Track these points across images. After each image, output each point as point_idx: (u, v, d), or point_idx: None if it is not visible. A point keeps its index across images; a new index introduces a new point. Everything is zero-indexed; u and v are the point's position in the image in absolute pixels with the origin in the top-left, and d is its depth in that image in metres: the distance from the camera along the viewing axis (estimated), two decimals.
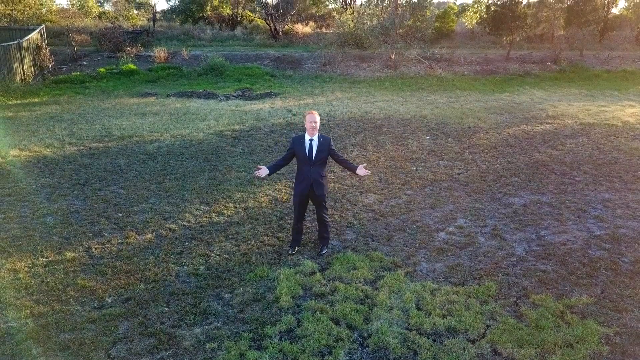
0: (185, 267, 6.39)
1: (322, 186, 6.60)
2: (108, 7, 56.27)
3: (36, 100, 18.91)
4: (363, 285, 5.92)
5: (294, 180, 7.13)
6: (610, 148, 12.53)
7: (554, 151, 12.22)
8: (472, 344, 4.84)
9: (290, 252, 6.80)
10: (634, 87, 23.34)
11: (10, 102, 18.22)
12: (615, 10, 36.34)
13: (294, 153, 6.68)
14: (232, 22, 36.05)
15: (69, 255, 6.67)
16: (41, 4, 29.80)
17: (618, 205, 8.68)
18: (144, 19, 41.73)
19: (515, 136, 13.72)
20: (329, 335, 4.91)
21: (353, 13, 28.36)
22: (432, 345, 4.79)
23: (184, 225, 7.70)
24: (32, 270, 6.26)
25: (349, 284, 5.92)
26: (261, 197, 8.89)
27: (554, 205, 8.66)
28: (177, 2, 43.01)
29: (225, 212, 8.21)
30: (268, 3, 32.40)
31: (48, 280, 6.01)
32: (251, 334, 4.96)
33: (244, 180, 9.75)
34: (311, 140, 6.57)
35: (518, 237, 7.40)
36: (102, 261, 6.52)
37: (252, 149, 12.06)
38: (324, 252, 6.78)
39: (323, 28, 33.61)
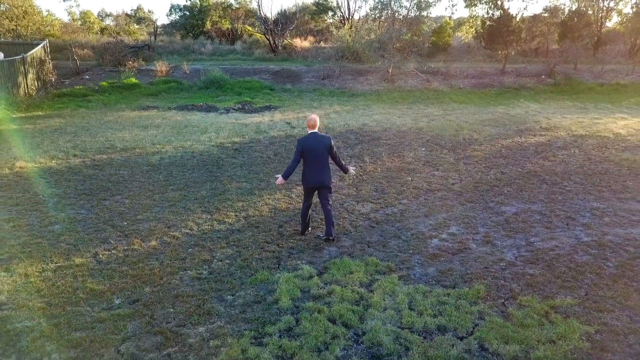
0: (188, 271, 6.69)
1: (328, 183, 7.56)
2: (109, 21, 57.05)
3: (40, 113, 19.28)
4: (359, 287, 6.22)
5: (292, 189, 7.44)
6: (600, 159, 12.89)
7: (546, 162, 12.57)
8: (461, 340, 5.13)
9: (302, 233, 7.86)
10: (626, 100, 23.80)
11: (14, 115, 18.58)
12: (609, 24, 36.96)
13: (302, 153, 7.33)
14: (232, 36, 36.62)
15: (78, 260, 6.96)
16: (44, 19, 30.28)
17: (606, 214, 9.00)
18: (145, 33, 42.35)
19: (508, 148, 14.09)
20: (326, 333, 5.21)
21: (351, 28, 28.90)
22: (422, 342, 5.08)
23: (187, 232, 8.01)
24: (43, 274, 6.55)
25: (345, 286, 6.22)
26: (261, 206, 9.20)
27: (544, 214, 8.99)
28: (177, 17, 43.75)
29: (226, 220, 8.52)
30: (267, 18, 32.94)
31: (58, 283, 6.30)
32: (252, 332, 5.25)
33: (244, 190, 10.07)
34: (317, 139, 7.41)
35: (508, 243, 7.71)
36: (109, 266, 6.82)
37: (252, 161, 12.40)
38: (333, 236, 7.59)
39: (321, 42, 34.19)
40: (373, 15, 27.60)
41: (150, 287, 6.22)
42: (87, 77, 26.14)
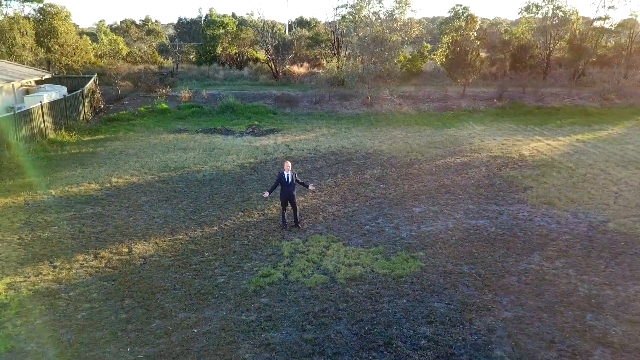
0: (237, 242, 13.17)
1: (294, 196, 13.59)
2: (118, 35, 62.92)
3: (101, 137, 25.74)
4: (321, 248, 12.71)
5: (280, 198, 13.91)
6: (495, 175, 19.38)
7: (458, 177, 19.07)
8: (363, 268, 11.63)
9: (283, 227, 13.77)
10: (553, 122, 30.26)
11: (84, 139, 25.06)
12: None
13: (280, 180, 13.64)
14: (240, 62, 43.08)
15: (178, 237, 13.46)
16: (89, 54, 36.71)
17: (472, 212, 15.49)
18: (161, 56, 48.62)
19: (438, 167, 20.58)
20: (304, 265, 11.70)
21: (338, 61, 35.35)
22: (347, 268, 11.58)
23: (232, 222, 14.49)
24: (162, 244, 13.04)
25: (315, 247, 12.72)
26: (271, 208, 15.68)
27: (436, 212, 15.48)
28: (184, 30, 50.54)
29: (252, 216, 15.02)
30: (269, 48, 39.41)
31: (174, 247, 12.80)
32: (271, 265, 11.75)
33: (261, 198, 16.56)
34: (286, 173, 13.55)
35: (407, 228, 14.20)
36: (196, 239, 13.31)
37: (264, 177, 18.89)
38: (300, 224, 13.80)
39: (315, 68, 40.69)
40: (355, 54, 33.95)
41: (220, 248, 12.71)
42: (126, 102, 32.60)
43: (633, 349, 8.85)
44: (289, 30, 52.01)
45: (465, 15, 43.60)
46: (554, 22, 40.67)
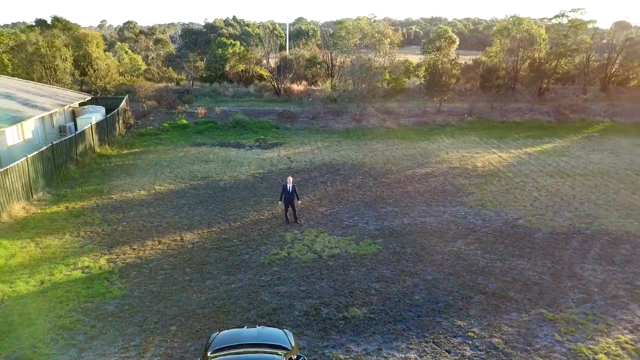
0: (255, 232, 18.99)
1: (293, 200, 19.44)
2: (125, 45, 68.40)
3: (136, 150, 31.52)
4: (313, 237, 18.54)
5: (283, 202, 19.73)
6: (449, 183, 25.19)
7: (419, 185, 24.88)
8: (339, 250, 17.45)
9: (285, 223, 19.57)
10: (511, 136, 36.05)
11: (123, 152, 30.84)
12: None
13: (283, 189, 19.50)
14: (246, 79, 48.87)
15: (213, 229, 19.29)
16: (120, 75, 42.54)
17: (424, 211, 21.30)
18: (175, 72, 54.31)
19: (406, 176, 26.38)
20: (302, 248, 17.55)
21: (332, 82, 41.13)
22: (329, 250, 17.40)
23: (250, 219, 20.30)
24: (201, 234, 18.87)
25: (309, 236, 18.56)
26: (277, 209, 21.48)
27: (397, 212, 21.28)
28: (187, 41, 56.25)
29: (264, 215, 20.84)
30: (272, 68, 45.20)
31: (210, 236, 18.63)
32: (278, 246, 17.58)
33: (270, 201, 22.35)
34: (289, 185, 19.42)
35: (375, 223, 20.01)
36: (225, 231, 19.13)
37: (271, 185, 24.69)
38: (298, 221, 19.55)
39: (312, 86, 46.52)
40: (345, 77, 39.69)
41: (243, 237, 18.53)
42: (151, 118, 38.39)
43: (503, 296, 14.66)
44: (289, 49, 57.79)
45: (446, 36, 49.38)
46: (522, 44, 46.41)
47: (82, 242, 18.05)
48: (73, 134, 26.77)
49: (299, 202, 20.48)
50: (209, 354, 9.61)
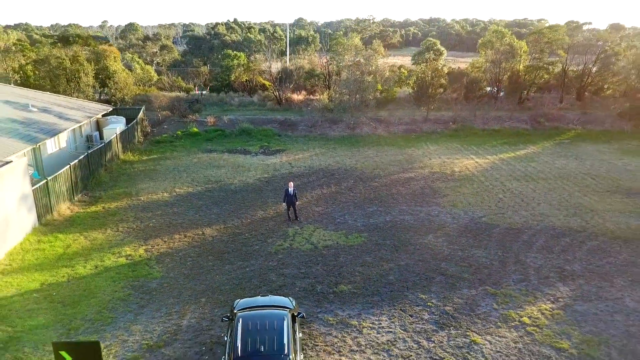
0: (263, 228, 23.07)
1: (294, 202, 23.60)
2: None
3: (154, 156, 35.57)
4: (310, 232, 22.62)
5: (286, 203, 23.84)
6: (428, 187, 29.26)
7: (402, 188, 28.94)
8: (332, 242, 21.55)
9: (287, 221, 23.69)
10: (489, 143, 40.10)
11: (143, 158, 34.90)
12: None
13: (286, 192, 23.63)
14: (250, 89, 52.92)
15: (228, 225, 23.36)
16: (137, 87, 46.65)
17: (404, 210, 25.37)
18: (184, 82, 58.34)
19: (392, 180, 30.44)
20: (301, 240, 21.63)
21: (329, 94, 45.23)
22: (323, 241, 21.48)
23: (258, 216, 24.38)
24: (218, 230, 22.94)
25: (307, 231, 22.64)
26: (280, 209, 25.54)
27: (382, 211, 25.35)
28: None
29: (269, 213, 24.92)
30: (274, 77, 49.26)
31: (226, 231, 22.71)
32: (282, 239, 21.65)
33: (275, 202, 26.40)
34: (290, 189, 23.54)
35: (362, 220, 24.08)
36: (238, 227, 23.21)
37: (275, 188, 28.75)
38: (298, 219, 23.67)
39: (311, 95, 50.59)
40: (341, 90, 43.73)
41: (253, 232, 22.60)
42: (165, 126, 42.44)
43: (459, 277, 18.73)
44: (289, 54, 61.87)
45: (434, 48, 53.44)
46: (504, 56, 50.47)
47: (122, 236, 22.13)
48: (102, 143, 30.85)
49: (298, 202, 24.49)
50: (235, 311, 13.69)
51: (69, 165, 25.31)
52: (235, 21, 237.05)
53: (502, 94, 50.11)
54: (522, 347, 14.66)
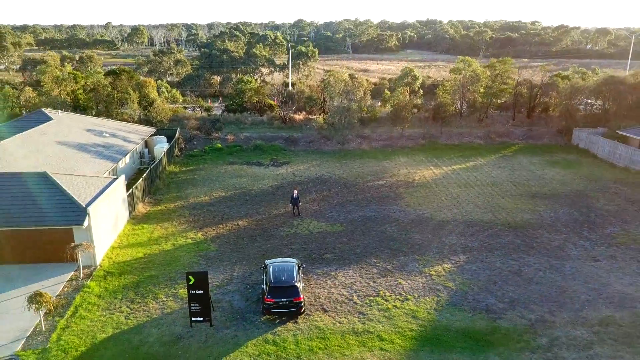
0: (276, 220, 34.61)
1: (298, 204, 35.36)
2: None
3: (191, 167, 47.10)
4: (309, 223, 34.19)
5: (292, 204, 35.46)
6: (392, 192, 40.79)
7: (374, 193, 40.47)
8: (323, 229, 33.13)
9: (293, 216, 35.37)
10: (448, 156, 51.55)
11: (183, 169, 46.43)
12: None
13: (292, 197, 35.38)
14: (260, 109, 64.41)
15: (253, 219, 34.92)
16: (169, 109, 58.24)
17: (372, 209, 36.92)
18: (204, 101, 69.73)
19: (368, 186, 41.95)
20: (302, 229, 33.21)
21: (324, 117, 56.79)
22: (317, 229, 33.06)
23: (273, 214, 35.91)
24: (247, 222, 34.53)
25: (306, 223, 34.21)
26: (288, 208, 37.05)
27: (357, 209, 36.86)
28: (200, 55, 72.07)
29: (280, 211, 36.45)
30: (281, 102, 60.83)
31: (253, 222, 34.32)
32: (290, 228, 33.21)
33: (284, 204, 37.91)
34: (295, 194, 35.25)
35: (343, 215, 35.62)
36: (260, 220, 34.77)
37: (284, 193, 40.28)
38: (300, 215, 35.34)
39: (310, 115, 62.09)
40: (332, 114, 55.20)
41: (270, 223, 34.19)
42: (194, 142, 53.96)
43: (399, 250, 30.31)
44: (292, 86, 73.53)
45: (411, 74, 64.92)
46: (470, 81, 61.88)
47: (184, 226, 33.71)
48: (152, 159, 42.40)
49: (300, 203, 36.02)
50: (266, 262, 25.31)
51: (142, 178, 36.88)
52: (237, 28, 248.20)
53: (465, 112, 61.56)
54: (426, 285, 26.28)
